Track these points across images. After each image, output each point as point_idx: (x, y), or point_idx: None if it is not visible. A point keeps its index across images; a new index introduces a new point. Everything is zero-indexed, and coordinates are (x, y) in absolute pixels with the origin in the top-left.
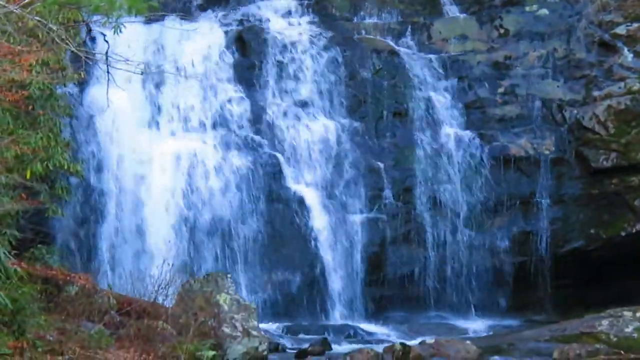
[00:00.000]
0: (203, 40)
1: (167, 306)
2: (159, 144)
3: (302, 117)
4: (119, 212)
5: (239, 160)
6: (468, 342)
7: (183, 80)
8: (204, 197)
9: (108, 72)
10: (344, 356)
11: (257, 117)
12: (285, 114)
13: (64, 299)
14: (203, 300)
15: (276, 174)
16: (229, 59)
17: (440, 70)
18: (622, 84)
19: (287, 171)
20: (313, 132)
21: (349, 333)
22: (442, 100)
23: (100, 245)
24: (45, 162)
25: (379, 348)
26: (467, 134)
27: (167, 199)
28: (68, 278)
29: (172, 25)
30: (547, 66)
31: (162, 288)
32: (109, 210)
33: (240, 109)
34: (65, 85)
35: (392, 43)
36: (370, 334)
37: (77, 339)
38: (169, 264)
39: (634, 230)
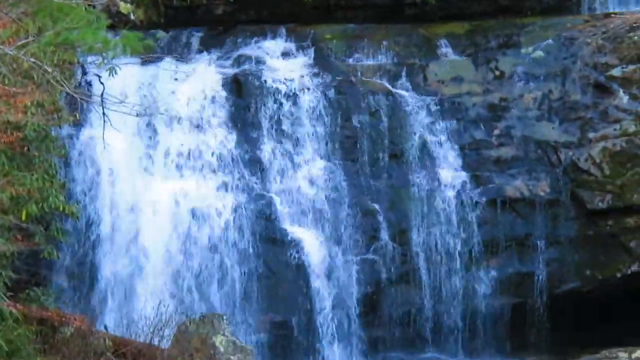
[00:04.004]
0: (199, 82)
1: (163, 348)
2: (154, 187)
3: (298, 159)
4: (115, 255)
5: (235, 203)
6: None
7: (177, 123)
8: (201, 241)
9: (104, 114)
10: None
11: (252, 159)
12: (281, 156)
13: (59, 341)
14: (199, 342)
15: (272, 215)
16: (224, 100)
17: (436, 112)
18: (617, 126)
19: (283, 212)
20: (308, 174)
21: None
22: (437, 142)
23: (97, 286)
24: (41, 204)
25: None
26: (463, 176)
27: (163, 244)
28: (63, 319)
29: (168, 67)
30: (542, 108)
31: (158, 329)
32: (105, 253)
33: (234, 151)
34: (60, 127)
35: (388, 85)
36: None
37: None
38: (164, 306)
39: (629, 272)
